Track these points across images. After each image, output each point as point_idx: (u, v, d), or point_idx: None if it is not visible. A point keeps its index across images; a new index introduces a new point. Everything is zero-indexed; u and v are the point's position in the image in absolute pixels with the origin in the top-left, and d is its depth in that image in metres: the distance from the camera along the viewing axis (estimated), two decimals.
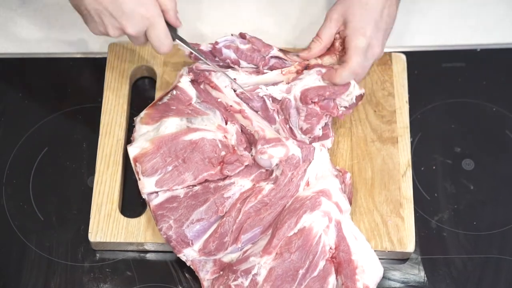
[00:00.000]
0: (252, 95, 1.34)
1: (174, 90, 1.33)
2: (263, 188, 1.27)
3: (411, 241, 1.30)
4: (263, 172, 1.31)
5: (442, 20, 1.53)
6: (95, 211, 1.30)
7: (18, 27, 1.50)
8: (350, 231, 1.26)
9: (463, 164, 1.40)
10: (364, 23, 1.28)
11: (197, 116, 1.32)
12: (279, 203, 1.27)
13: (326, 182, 1.28)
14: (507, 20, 1.53)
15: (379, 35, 1.29)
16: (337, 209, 1.26)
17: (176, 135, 1.29)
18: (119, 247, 1.30)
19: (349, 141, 1.37)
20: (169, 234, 1.25)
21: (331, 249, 1.25)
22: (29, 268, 1.29)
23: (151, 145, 1.28)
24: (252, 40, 1.34)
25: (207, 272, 1.26)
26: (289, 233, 1.24)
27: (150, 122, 1.31)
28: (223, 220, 1.26)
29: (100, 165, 1.33)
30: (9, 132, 1.40)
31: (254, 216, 1.26)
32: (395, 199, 1.32)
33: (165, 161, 1.27)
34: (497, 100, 1.45)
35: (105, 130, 1.36)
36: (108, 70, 1.41)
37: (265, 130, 1.31)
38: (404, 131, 1.37)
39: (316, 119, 1.31)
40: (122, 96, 1.39)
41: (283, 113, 1.33)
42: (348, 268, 1.23)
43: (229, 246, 1.25)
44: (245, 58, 1.33)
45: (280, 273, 1.21)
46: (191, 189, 1.28)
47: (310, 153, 1.31)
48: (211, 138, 1.29)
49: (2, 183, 1.36)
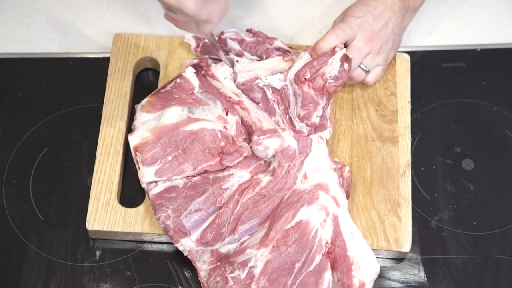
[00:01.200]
0: (252, 86, 1.34)
1: (178, 78, 1.35)
2: (261, 180, 1.28)
3: (407, 241, 1.29)
4: (261, 164, 1.31)
5: (442, 20, 1.53)
6: (93, 199, 1.30)
7: (18, 27, 1.50)
8: (347, 227, 1.26)
9: (463, 164, 1.40)
10: (361, 11, 1.35)
11: (198, 106, 1.33)
12: (276, 195, 1.28)
13: (324, 176, 1.28)
14: (507, 20, 1.53)
15: (375, 24, 1.34)
16: (335, 203, 1.26)
17: (177, 125, 1.30)
18: (116, 236, 1.30)
19: (349, 139, 1.37)
20: (167, 223, 1.25)
21: (327, 243, 1.25)
22: (29, 268, 1.29)
23: (152, 135, 1.29)
24: (257, 33, 1.39)
25: (204, 263, 1.26)
26: (286, 226, 1.24)
27: (151, 110, 1.33)
28: (221, 211, 1.26)
29: (100, 154, 1.34)
30: (9, 132, 1.40)
31: (252, 208, 1.26)
32: (393, 199, 1.32)
33: (165, 151, 1.29)
34: (497, 100, 1.45)
35: (106, 120, 1.36)
36: (112, 61, 1.41)
37: (262, 121, 1.32)
38: (405, 131, 1.37)
39: (313, 106, 1.31)
40: (125, 87, 1.39)
41: (283, 102, 1.34)
42: (343, 264, 1.23)
43: (226, 237, 1.26)
44: (249, 49, 1.38)
45: (276, 266, 1.22)
46: (190, 179, 1.28)
47: (307, 145, 1.31)
48: (211, 129, 1.31)
49: (2, 183, 1.36)
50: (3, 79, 1.45)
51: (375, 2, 1.36)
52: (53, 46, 1.48)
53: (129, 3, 1.52)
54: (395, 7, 1.37)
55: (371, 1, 1.37)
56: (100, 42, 1.49)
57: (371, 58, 1.35)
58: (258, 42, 1.38)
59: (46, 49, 1.48)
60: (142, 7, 1.51)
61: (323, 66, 1.31)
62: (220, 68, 1.36)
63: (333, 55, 1.31)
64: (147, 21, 1.50)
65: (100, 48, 1.48)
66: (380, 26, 1.34)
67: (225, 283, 1.22)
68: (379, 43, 1.34)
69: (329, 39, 1.32)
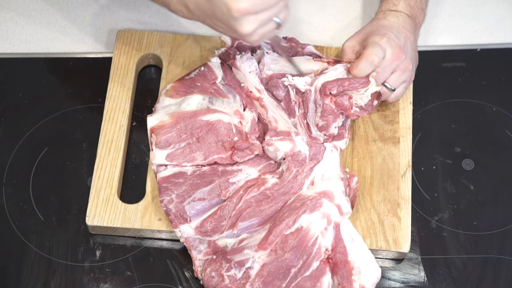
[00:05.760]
0: (277, 83, 1.35)
1: (202, 66, 1.36)
2: (267, 181, 1.28)
3: (406, 241, 1.29)
4: (271, 164, 1.31)
5: (442, 20, 1.53)
6: (93, 195, 1.31)
7: (18, 27, 1.50)
8: (348, 233, 1.26)
9: (463, 164, 1.40)
10: (381, 31, 1.32)
11: (218, 97, 1.34)
12: (280, 198, 1.28)
13: (330, 184, 1.28)
14: (507, 20, 1.54)
15: (399, 41, 1.31)
16: (338, 212, 1.26)
17: (196, 114, 1.32)
18: (115, 232, 1.31)
19: (351, 139, 1.37)
20: (169, 207, 1.27)
21: (327, 250, 1.25)
22: (29, 268, 1.29)
23: (170, 119, 1.31)
24: (291, 39, 1.40)
25: (200, 252, 1.27)
26: (286, 232, 1.24)
27: (174, 95, 1.35)
28: (224, 204, 1.27)
29: (101, 150, 1.34)
30: (9, 132, 1.40)
31: (254, 207, 1.27)
32: (393, 199, 1.32)
33: (179, 137, 1.31)
34: (497, 100, 1.45)
35: (108, 116, 1.36)
36: (115, 57, 1.41)
37: (278, 121, 1.32)
38: (406, 131, 1.37)
39: (332, 117, 1.31)
40: (128, 83, 1.40)
41: (303, 106, 1.33)
42: (344, 269, 1.23)
43: (225, 230, 1.26)
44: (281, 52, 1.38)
45: (272, 270, 1.22)
46: (199, 168, 1.30)
47: (320, 152, 1.31)
48: (227, 122, 1.32)
49: (2, 183, 1.36)
50: (3, 79, 1.45)
51: (387, 21, 1.35)
52: (53, 46, 1.48)
53: (129, 3, 1.52)
54: (406, 25, 1.35)
55: (383, 21, 1.35)
56: (100, 42, 1.49)
57: (397, 76, 1.32)
58: (291, 47, 1.39)
59: (46, 49, 1.48)
60: (142, 7, 1.51)
61: (352, 90, 1.30)
62: (246, 62, 1.36)
63: (367, 85, 1.29)
64: (147, 21, 1.50)
65: (100, 48, 1.48)
66: (402, 42, 1.32)
67: (220, 280, 1.23)
68: (406, 60, 1.31)
69: (364, 67, 1.29)
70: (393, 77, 1.32)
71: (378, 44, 1.29)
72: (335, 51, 1.43)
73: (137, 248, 1.31)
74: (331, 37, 1.50)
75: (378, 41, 1.29)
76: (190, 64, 1.41)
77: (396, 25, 1.34)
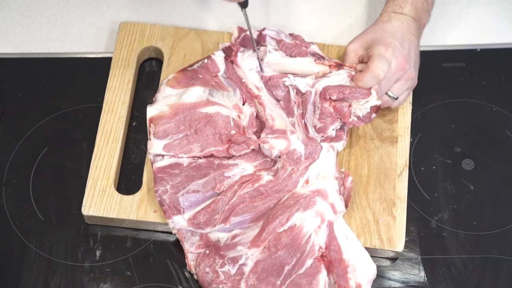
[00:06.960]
0: (277, 83, 1.35)
1: (206, 59, 1.37)
2: (261, 178, 1.29)
3: (400, 241, 1.30)
4: (267, 161, 1.32)
5: (442, 20, 1.53)
6: (90, 185, 1.31)
7: (18, 27, 1.50)
8: (342, 231, 1.26)
9: (463, 164, 1.40)
10: (386, 39, 1.31)
11: (219, 89, 1.35)
12: (274, 196, 1.28)
13: (324, 183, 1.28)
14: (507, 20, 1.54)
15: (403, 50, 1.30)
16: (332, 210, 1.26)
17: (195, 105, 1.33)
18: (111, 222, 1.31)
19: (348, 137, 1.37)
20: (163, 197, 1.27)
21: (320, 248, 1.25)
22: (29, 268, 1.29)
23: (170, 110, 1.32)
24: (297, 36, 1.40)
25: (192, 245, 1.27)
26: (279, 229, 1.24)
27: (175, 86, 1.36)
28: (218, 198, 1.28)
29: (100, 140, 1.34)
30: (9, 132, 1.40)
31: (248, 202, 1.27)
32: (388, 198, 1.32)
33: (178, 128, 1.31)
34: (497, 100, 1.45)
35: (108, 107, 1.37)
36: (117, 48, 1.42)
37: (275, 119, 1.32)
38: (405, 131, 1.37)
39: (330, 120, 1.31)
40: (128, 75, 1.40)
41: (302, 107, 1.33)
42: (339, 267, 1.24)
43: (218, 224, 1.27)
44: (285, 49, 1.38)
45: (266, 267, 1.23)
46: (196, 160, 1.30)
47: (316, 152, 1.31)
48: (226, 115, 1.33)
49: (2, 183, 1.36)
50: (3, 79, 1.45)
51: (392, 26, 1.33)
52: (53, 46, 1.48)
53: (129, 4, 1.52)
54: (411, 28, 1.34)
55: (387, 25, 1.34)
56: (100, 42, 1.49)
57: (401, 85, 1.32)
58: (296, 45, 1.38)
59: (46, 49, 1.48)
60: (142, 8, 1.51)
61: (352, 99, 1.30)
62: (247, 59, 1.37)
63: (367, 96, 1.29)
64: (147, 21, 1.49)
65: (100, 48, 1.48)
66: (407, 51, 1.31)
67: (215, 276, 1.23)
68: (410, 69, 1.31)
69: (369, 81, 1.29)
70: (396, 86, 1.32)
71: (383, 57, 1.28)
72: (336, 49, 1.43)
73: (137, 248, 1.31)
74: (333, 37, 1.50)
75: (383, 54, 1.29)
76: (191, 57, 1.42)
77: (401, 30, 1.33)
